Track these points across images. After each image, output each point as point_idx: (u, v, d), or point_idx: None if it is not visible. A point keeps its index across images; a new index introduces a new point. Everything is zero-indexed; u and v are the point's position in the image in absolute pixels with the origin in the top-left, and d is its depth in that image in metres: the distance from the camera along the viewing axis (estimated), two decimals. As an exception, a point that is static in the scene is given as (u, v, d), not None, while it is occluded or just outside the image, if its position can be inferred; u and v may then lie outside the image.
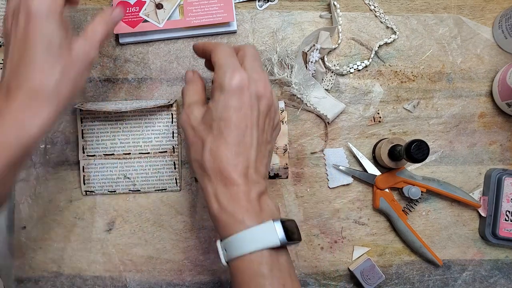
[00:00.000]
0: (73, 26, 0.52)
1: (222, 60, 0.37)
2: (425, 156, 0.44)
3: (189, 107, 0.40)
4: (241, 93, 0.35)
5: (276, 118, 0.39)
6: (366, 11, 0.53)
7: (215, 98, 0.36)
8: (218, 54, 0.38)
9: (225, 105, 0.35)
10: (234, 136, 0.35)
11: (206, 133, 0.36)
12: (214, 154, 0.35)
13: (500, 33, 0.52)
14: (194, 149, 0.37)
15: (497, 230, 0.50)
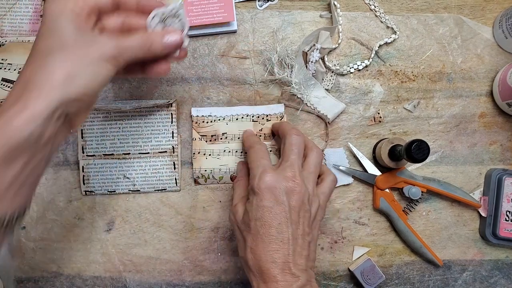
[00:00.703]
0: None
1: (252, 164, 0.41)
2: (426, 156, 0.44)
3: (235, 206, 0.42)
4: (271, 193, 0.38)
5: (313, 208, 0.40)
6: (366, 10, 0.53)
7: (249, 199, 0.40)
8: (250, 157, 0.42)
9: (257, 206, 0.38)
10: (270, 234, 0.37)
11: (247, 232, 0.39)
12: (254, 252, 0.38)
13: (500, 33, 0.51)
14: (239, 247, 0.41)
15: (497, 230, 0.50)
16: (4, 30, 0.51)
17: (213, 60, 0.52)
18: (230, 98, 0.52)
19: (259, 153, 0.42)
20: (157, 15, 0.37)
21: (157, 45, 0.36)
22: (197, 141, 0.50)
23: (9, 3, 0.51)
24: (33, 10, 0.51)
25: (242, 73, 0.52)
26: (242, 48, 0.52)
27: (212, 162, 0.50)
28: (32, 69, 0.32)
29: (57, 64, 0.32)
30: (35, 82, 0.31)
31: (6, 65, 0.49)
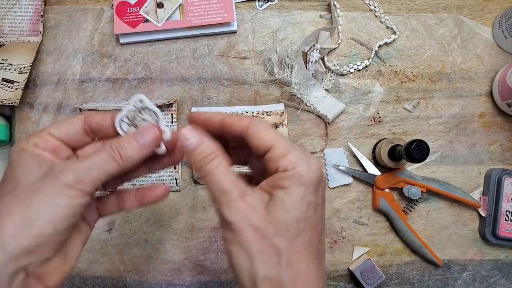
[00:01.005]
0: (73, 28, 0.52)
1: (285, 143, 0.28)
2: (425, 156, 0.44)
3: (243, 196, 0.27)
4: (318, 187, 0.28)
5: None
6: (366, 11, 0.53)
7: (291, 189, 0.27)
8: (271, 135, 0.29)
9: (303, 200, 0.27)
10: (314, 243, 0.27)
11: (282, 239, 0.26)
12: (295, 269, 0.26)
13: (500, 33, 0.52)
14: (262, 262, 0.26)
15: (497, 230, 0.50)
16: (4, 30, 0.51)
17: (213, 60, 0.52)
18: (230, 98, 0.52)
19: (272, 128, 0.31)
20: (123, 120, 0.31)
21: (131, 151, 0.29)
22: (197, 141, 0.50)
23: (10, 3, 0.51)
24: (33, 11, 0.51)
25: (242, 73, 0.52)
26: (242, 48, 0.52)
27: (212, 162, 0.50)
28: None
29: (6, 211, 0.26)
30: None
31: (7, 65, 0.49)
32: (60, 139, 0.31)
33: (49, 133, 0.30)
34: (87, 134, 0.32)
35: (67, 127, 0.31)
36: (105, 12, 0.52)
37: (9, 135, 0.51)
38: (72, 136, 0.31)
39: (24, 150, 0.29)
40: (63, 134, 0.31)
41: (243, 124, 0.30)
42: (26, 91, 0.51)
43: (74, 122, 0.31)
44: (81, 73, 0.52)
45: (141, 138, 0.30)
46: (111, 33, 0.52)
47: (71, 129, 0.31)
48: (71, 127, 0.31)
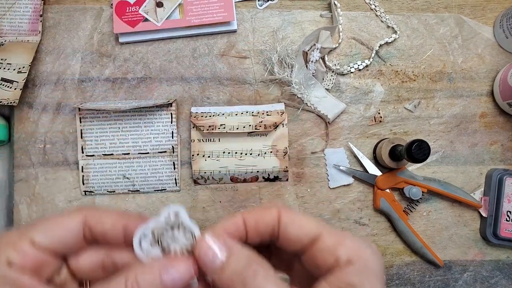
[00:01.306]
0: (72, 27, 0.52)
1: (331, 228, 0.24)
2: (426, 156, 0.44)
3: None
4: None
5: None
6: (366, 10, 0.53)
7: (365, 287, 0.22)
8: (313, 220, 0.24)
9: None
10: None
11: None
12: None
13: (501, 32, 0.51)
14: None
15: (498, 231, 0.49)
16: (3, 30, 0.50)
17: (213, 60, 0.52)
18: (230, 98, 0.51)
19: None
20: (146, 235, 0.23)
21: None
22: (196, 142, 0.50)
23: (9, 2, 0.50)
24: (32, 10, 0.51)
25: (242, 73, 0.52)
26: (242, 48, 0.52)
27: (211, 164, 0.50)
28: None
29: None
30: None
31: (6, 65, 0.49)
32: (47, 249, 0.22)
33: (32, 243, 0.22)
34: (85, 240, 0.24)
35: (60, 233, 0.23)
36: (104, 11, 0.52)
37: (8, 135, 0.51)
38: (65, 243, 0.23)
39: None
40: (52, 243, 0.23)
41: (273, 214, 0.24)
42: (25, 90, 0.51)
43: (69, 225, 0.23)
44: (80, 73, 0.51)
45: (168, 276, 0.22)
46: (111, 33, 0.52)
47: (65, 235, 0.23)
48: (65, 232, 0.23)
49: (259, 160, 0.50)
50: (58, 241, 0.23)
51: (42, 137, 0.51)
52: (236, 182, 0.51)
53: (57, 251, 0.23)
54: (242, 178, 0.51)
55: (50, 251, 0.23)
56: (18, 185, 0.51)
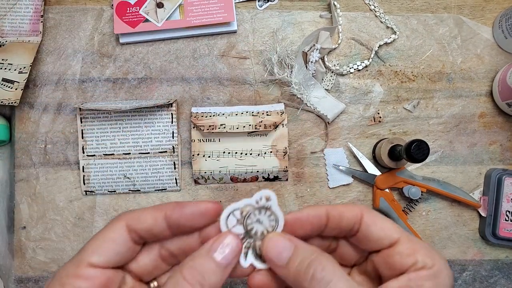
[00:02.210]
0: (73, 27, 0.52)
1: (409, 235, 0.25)
2: (425, 156, 0.44)
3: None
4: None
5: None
6: (366, 11, 0.53)
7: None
8: (395, 225, 0.25)
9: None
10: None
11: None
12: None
13: (500, 33, 0.51)
14: None
15: (497, 230, 0.50)
16: (4, 30, 0.51)
17: (213, 60, 0.52)
18: (230, 98, 0.52)
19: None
20: (234, 214, 0.25)
21: (215, 278, 0.23)
22: (196, 142, 0.50)
23: (10, 3, 0.51)
24: (33, 10, 0.51)
25: (242, 73, 0.52)
26: (242, 48, 0.52)
27: (211, 164, 0.50)
28: None
29: None
30: None
31: (7, 65, 0.49)
32: (106, 266, 0.23)
33: (91, 264, 0.23)
34: (135, 243, 0.25)
35: (111, 248, 0.23)
36: (105, 12, 0.52)
37: (9, 135, 0.51)
38: (119, 255, 0.24)
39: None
40: (108, 259, 0.23)
41: (356, 212, 0.25)
42: (26, 91, 0.51)
43: (116, 237, 0.24)
44: (81, 73, 0.52)
45: (218, 254, 0.23)
46: (111, 33, 0.52)
47: (116, 247, 0.24)
48: (115, 245, 0.24)
49: (259, 160, 0.50)
50: (112, 255, 0.23)
51: (43, 137, 0.51)
52: (236, 182, 0.51)
53: (115, 264, 0.24)
54: (242, 178, 0.51)
55: (109, 267, 0.23)
56: (19, 185, 0.51)
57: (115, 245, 0.23)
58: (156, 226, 0.24)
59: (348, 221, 0.25)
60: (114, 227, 0.24)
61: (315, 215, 0.25)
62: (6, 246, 0.51)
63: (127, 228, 0.24)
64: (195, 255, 0.23)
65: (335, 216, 0.25)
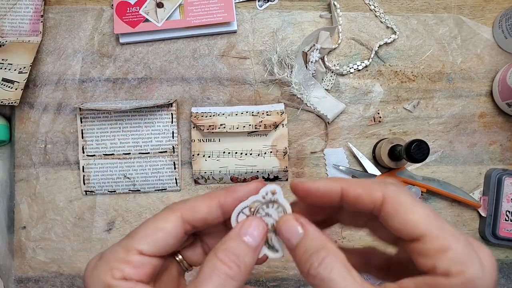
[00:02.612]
0: (73, 27, 0.52)
1: (443, 229, 0.21)
2: (425, 156, 0.44)
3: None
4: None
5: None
6: (366, 11, 0.53)
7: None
8: (421, 216, 0.21)
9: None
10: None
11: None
12: None
13: (500, 33, 0.51)
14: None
15: (497, 230, 0.50)
16: (4, 30, 0.51)
17: (213, 60, 0.52)
18: (230, 98, 0.52)
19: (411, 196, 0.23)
20: (243, 212, 0.26)
21: (249, 259, 0.23)
22: (196, 142, 0.50)
23: (10, 3, 0.51)
24: (33, 10, 0.51)
25: (242, 73, 0.52)
26: (242, 48, 0.52)
27: (211, 164, 0.50)
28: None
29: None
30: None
31: (7, 65, 0.49)
32: (154, 254, 0.23)
33: (140, 252, 0.23)
34: (186, 234, 0.25)
35: (162, 238, 0.24)
36: (105, 12, 0.52)
37: (9, 135, 0.51)
38: (169, 245, 0.24)
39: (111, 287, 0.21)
40: (158, 249, 0.23)
41: (376, 198, 0.22)
42: (26, 91, 0.51)
43: (169, 228, 0.24)
44: (81, 73, 0.52)
45: (248, 237, 0.24)
46: (111, 33, 0.52)
47: (167, 238, 0.24)
48: (166, 236, 0.24)
49: (259, 160, 0.50)
50: (162, 245, 0.24)
51: (43, 137, 0.51)
52: (236, 182, 0.51)
53: (163, 254, 0.24)
54: (242, 178, 0.51)
55: (156, 256, 0.24)
56: (19, 185, 0.51)
57: (166, 235, 0.24)
58: (211, 215, 0.25)
59: (364, 206, 0.22)
60: (167, 217, 0.24)
61: (326, 191, 0.23)
62: (6, 246, 0.51)
63: (182, 219, 0.24)
64: (226, 239, 0.23)
65: (350, 198, 0.23)
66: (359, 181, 0.24)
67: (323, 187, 0.24)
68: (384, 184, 0.23)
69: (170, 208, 0.25)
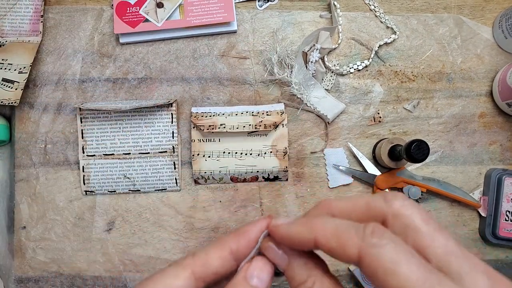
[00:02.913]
0: (73, 27, 0.52)
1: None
2: (425, 156, 0.44)
3: None
4: None
5: None
6: (366, 11, 0.53)
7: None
8: (411, 276, 0.17)
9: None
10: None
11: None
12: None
13: (500, 33, 0.51)
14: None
15: (497, 230, 0.50)
16: (4, 30, 0.51)
17: (213, 60, 0.52)
18: (230, 98, 0.52)
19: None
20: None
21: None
22: (196, 142, 0.50)
23: (10, 3, 0.51)
24: (33, 10, 0.51)
25: (242, 73, 0.52)
26: (242, 48, 0.52)
27: (211, 164, 0.50)
28: None
29: None
30: None
31: (7, 65, 0.49)
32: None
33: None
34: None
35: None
36: (105, 12, 0.52)
37: (9, 135, 0.51)
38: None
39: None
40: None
41: (350, 254, 0.19)
42: (26, 91, 0.51)
43: (180, 285, 0.22)
44: (81, 73, 0.52)
45: (254, 280, 0.22)
46: (111, 33, 0.52)
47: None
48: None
49: (259, 160, 0.50)
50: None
51: (43, 137, 0.51)
52: (236, 182, 0.51)
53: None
54: (242, 178, 0.51)
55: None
56: (19, 185, 0.51)
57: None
58: (224, 266, 0.23)
59: (340, 260, 0.19)
60: (178, 275, 0.22)
61: (300, 240, 0.21)
62: (6, 246, 0.51)
63: (194, 276, 0.22)
64: (235, 284, 0.22)
65: (325, 250, 0.20)
66: (338, 224, 0.20)
67: (296, 236, 0.21)
68: (365, 232, 0.18)
69: (179, 263, 0.23)
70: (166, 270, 0.23)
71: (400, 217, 0.19)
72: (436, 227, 0.18)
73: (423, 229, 0.18)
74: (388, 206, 0.19)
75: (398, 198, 0.20)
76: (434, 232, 0.18)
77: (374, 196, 0.21)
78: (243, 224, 0.51)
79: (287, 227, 0.22)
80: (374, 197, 0.21)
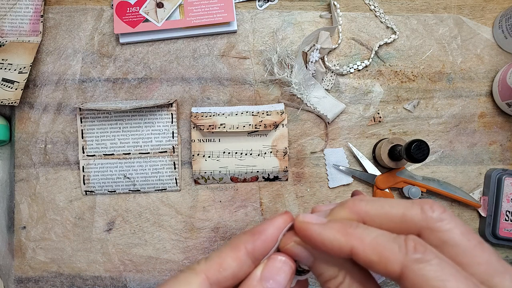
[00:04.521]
0: (73, 28, 0.52)
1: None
2: (425, 156, 0.44)
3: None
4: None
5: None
6: (366, 11, 0.53)
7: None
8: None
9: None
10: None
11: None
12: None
13: (500, 33, 0.51)
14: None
15: (497, 230, 0.50)
16: (4, 30, 0.51)
17: (213, 60, 0.52)
18: (230, 98, 0.52)
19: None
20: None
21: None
22: (196, 142, 0.50)
23: (9, 3, 0.51)
24: (33, 10, 0.51)
25: (242, 73, 0.52)
26: (242, 48, 0.52)
27: (211, 164, 0.50)
28: None
29: None
30: None
31: (7, 65, 0.49)
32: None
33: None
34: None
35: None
36: (105, 12, 0.52)
37: (9, 135, 0.51)
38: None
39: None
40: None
41: (392, 270, 0.18)
42: (26, 91, 0.51)
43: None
44: (81, 73, 0.52)
45: (270, 284, 0.21)
46: (111, 33, 0.52)
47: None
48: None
49: (259, 160, 0.50)
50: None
51: (43, 137, 0.51)
52: (236, 182, 0.51)
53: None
54: (242, 178, 0.51)
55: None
56: (19, 185, 0.51)
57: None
58: (242, 268, 0.21)
59: (379, 273, 0.18)
60: (190, 282, 0.21)
61: (333, 247, 0.20)
62: (6, 246, 0.51)
63: (208, 282, 0.21)
64: (248, 286, 0.21)
65: (361, 262, 0.19)
66: (377, 234, 0.18)
67: (329, 242, 0.20)
68: (408, 247, 0.17)
69: (191, 269, 0.22)
70: (178, 277, 0.21)
71: (438, 231, 0.18)
72: (477, 243, 0.18)
73: (463, 244, 0.18)
74: (425, 219, 0.19)
75: (435, 210, 0.19)
76: (474, 248, 0.18)
77: (410, 206, 0.19)
78: (243, 224, 0.51)
79: (320, 230, 0.20)
80: (410, 207, 0.19)
